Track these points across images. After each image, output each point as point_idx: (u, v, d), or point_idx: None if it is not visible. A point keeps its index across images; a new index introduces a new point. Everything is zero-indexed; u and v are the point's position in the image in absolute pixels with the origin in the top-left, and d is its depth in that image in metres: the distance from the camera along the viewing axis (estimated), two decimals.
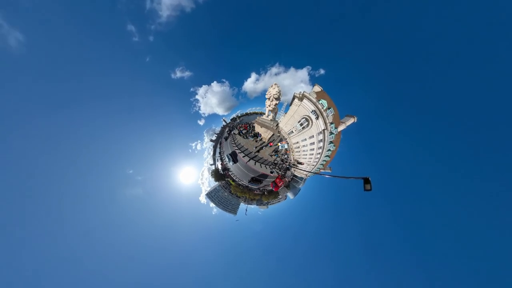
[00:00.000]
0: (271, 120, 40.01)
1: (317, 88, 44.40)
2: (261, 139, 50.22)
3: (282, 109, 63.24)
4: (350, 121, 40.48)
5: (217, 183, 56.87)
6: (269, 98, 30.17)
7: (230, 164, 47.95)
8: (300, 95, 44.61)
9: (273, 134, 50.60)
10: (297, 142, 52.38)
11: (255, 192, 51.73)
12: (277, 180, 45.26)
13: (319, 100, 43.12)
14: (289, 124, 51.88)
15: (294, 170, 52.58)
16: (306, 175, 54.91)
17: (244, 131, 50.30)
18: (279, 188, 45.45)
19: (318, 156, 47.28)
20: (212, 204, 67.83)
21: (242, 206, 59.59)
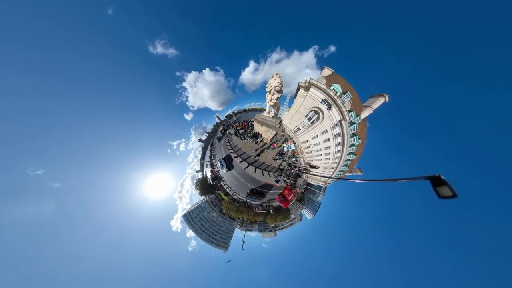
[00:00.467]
0: (273, 117, 31.19)
1: (327, 71, 35.91)
2: (261, 140, 40.01)
3: (285, 103, 54.85)
4: (379, 102, 30.07)
5: (202, 198, 44.07)
6: (269, 91, 21.72)
7: (223, 172, 37.33)
8: (306, 84, 36.30)
9: (276, 134, 40.81)
10: (307, 141, 41.63)
11: (257, 210, 39.34)
12: (286, 191, 33.58)
13: (330, 86, 34.31)
14: (295, 120, 42.16)
15: (307, 177, 40.73)
16: (325, 182, 42.38)
17: (241, 131, 40.83)
18: (290, 204, 33.17)
19: (338, 155, 35.75)
20: (190, 233, 50.00)
21: (237, 234, 44.51)
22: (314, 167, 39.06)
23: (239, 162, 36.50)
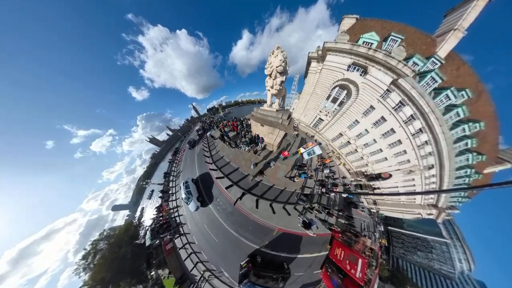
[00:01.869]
0: (277, 110, 17.68)
1: (348, 22, 23.90)
2: (264, 148, 23.29)
3: (293, 88, 39.96)
4: (474, 11, 14.87)
5: None
6: (270, 74, 13.78)
7: (188, 210, 17.64)
8: (319, 52, 24.04)
9: (285, 135, 24.99)
10: (341, 135, 24.02)
11: None
12: (338, 251, 12.71)
13: (357, 40, 21.94)
14: (311, 109, 26.96)
15: (375, 204, 19.54)
16: (434, 208, 19.33)
17: (231, 133, 25.05)
18: None
19: (426, 137, 16.87)
20: None
21: None
22: (379, 177, 19.02)
23: (225, 188, 18.45)
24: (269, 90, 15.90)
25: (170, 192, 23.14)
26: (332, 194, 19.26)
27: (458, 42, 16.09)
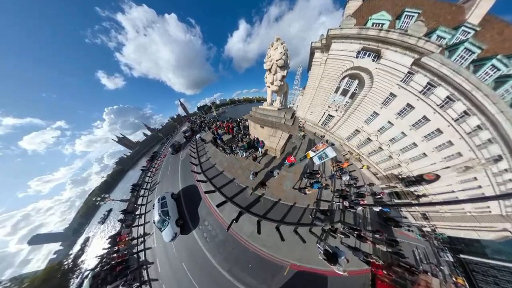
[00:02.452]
0: (279, 109, 14.41)
1: (353, 4, 21.92)
2: (265, 153, 19.57)
3: (295, 82, 36.25)
4: None
5: None
6: (269, 69, 11.48)
7: (162, 239, 12.78)
8: (323, 41, 22.27)
9: (290, 137, 21.47)
10: (357, 132, 20.06)
11: None
12: None
13: (365, 23, 19.56)
14: (318, 105, 23.79)
15: (427, 220, 14.14)
16: None
17: (225, 136, 21.49)
18: None
19: (482, 121, 12.57)
20: None
21: None
22: (421, 180, 14.25)
23: (216, 206, 14.12)
24: (269, 87, 14.07)
25: (138, 213, 17.47)
26: (359, 208, 14.49)
27: (494, 3, 13.16)
